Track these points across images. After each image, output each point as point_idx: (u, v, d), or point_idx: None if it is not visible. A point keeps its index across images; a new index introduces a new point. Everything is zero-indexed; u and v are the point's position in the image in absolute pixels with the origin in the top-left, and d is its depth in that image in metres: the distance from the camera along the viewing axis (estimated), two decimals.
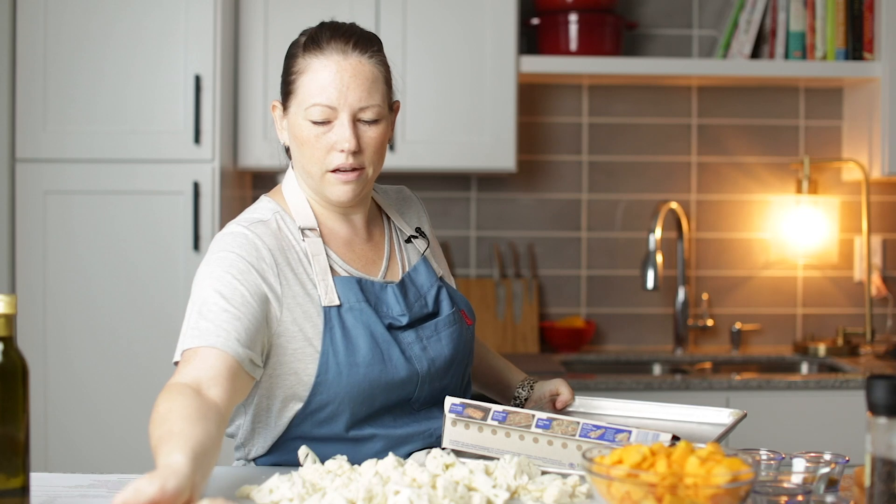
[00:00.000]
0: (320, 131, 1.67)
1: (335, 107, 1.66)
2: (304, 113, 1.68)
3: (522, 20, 3.34)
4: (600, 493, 1.31)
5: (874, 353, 3.34)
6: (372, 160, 1.70)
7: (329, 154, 1.68)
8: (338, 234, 1.76)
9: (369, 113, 1.68)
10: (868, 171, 3.35)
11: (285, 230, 1.71)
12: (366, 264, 1.77)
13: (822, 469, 1.47)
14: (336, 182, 1.69)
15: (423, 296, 1.78)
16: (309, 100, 1.67)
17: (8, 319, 1.35)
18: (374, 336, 1.68)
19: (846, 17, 3.30)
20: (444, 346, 1.76)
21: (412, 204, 1.93)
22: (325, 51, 1.68)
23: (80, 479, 1.63)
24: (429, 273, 1.82)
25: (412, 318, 1.74)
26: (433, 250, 1.89)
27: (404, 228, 1.86)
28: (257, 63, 3.09)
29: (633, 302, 3.49)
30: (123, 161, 2.91)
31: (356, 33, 1.73)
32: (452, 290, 1.85)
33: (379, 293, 1.73)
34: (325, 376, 1.65)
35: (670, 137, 3.51)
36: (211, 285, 1.62)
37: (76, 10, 2.90)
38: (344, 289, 1.69)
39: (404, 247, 1.84)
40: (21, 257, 2.90)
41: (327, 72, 1.67)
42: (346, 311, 1.68)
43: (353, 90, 1.66)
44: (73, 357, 2.89)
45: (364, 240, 1.80)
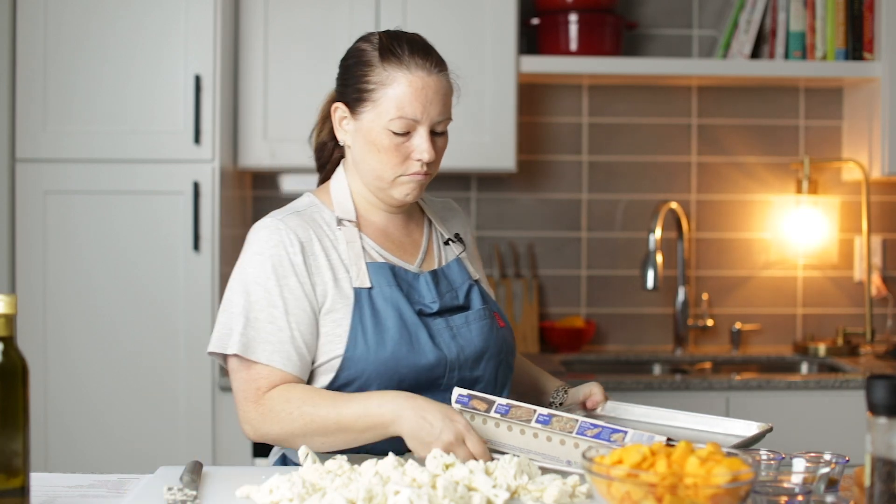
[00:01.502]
0: (399, 141, 1.77)
1: (418, 120, 1.76)
2: (386, 123, 1.76)
3: (522, 20, 3.34)
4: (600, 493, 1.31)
5: (874, 353, 3.34)
6: (437, 166, 1.84)
7: (405, 162, 1.78)
8: (376, 224, 1.86)
9: (442, 126, 1.80)
10: (868, 171, 3.35)
11: (320, 220, 1.81)
12: (402, 253, 1.86)
13: (822, 469, 1.47)
14: (407, 182, 1.80)
15: (454, 289, 1.86)
16: (393, 112, 1.75)
17: (8, 319, 1.35)
18: (402, 318, 1.76)
19: (846, 17, 3.30)
20: (474, 337, 1.82)
21: (457, 215, 2.03)
22: (410, 66, 1.77)
23: (80, 479, 1.63)
24: (462, 272, 1.89)
25: (442, 306, 1.81)
26: (472, 259, 1.97)
27: (443, 231, 1.94)
28: (257, 63, 3.09)
29: (633, 302, 3.49)
30: (123, 161, 2.91)
31: (433, 50, 1.82)
32: (486, 293, 1.91)
33: (412, 281, 1.81)
34: (353, 352, 1.73)
35: (670, 137, 3.51)
36: (256, 292, 1.74)
37: (76, 10, 2.90)
38: (376, 273, 1.78)
39: (442, 246, 1.92)
40: (21, 257, 2.90)
41: (413, 88, 1.76)
42: (376, 293, 1.76)
43: (434, 105, 1.77)
44: (73, 357, 2.89)
45: (402, 232, 1.89)
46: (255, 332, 1.72)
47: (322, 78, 3.10)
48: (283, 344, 1.72)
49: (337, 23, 3.10)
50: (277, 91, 3.10)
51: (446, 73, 1.81)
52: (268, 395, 1.71)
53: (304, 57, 3.10)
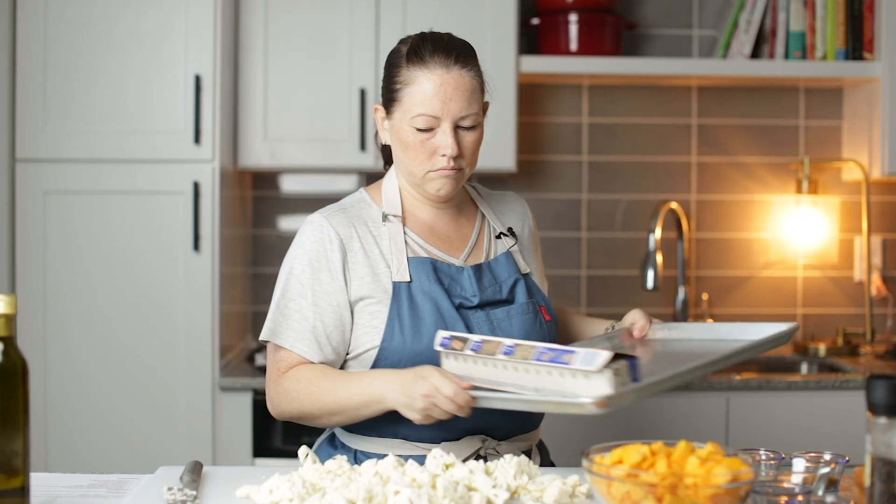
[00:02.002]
0: (424, 137, 1.81)
1: (438, 116, 1.80)
2: (410, 121, 1.81)
3: (522, 20, 3.34)
4: (600, 493, 1.31)
5: (874, 353, 3.34)
6: (469, 161, 1.85)
7: (432, 158, 1.82)
8: (423, 220, 1.90)
9: (468, 121, 1.83)
10: (868, 171, 3.35)
11: (366, 217, 1.87)
12: (447, 248, 1.89)
13: (822, 469, 1.47)
14: (437, 178, 1.83)
15: (499, 283, 1.88)
16: (414, 110, 1.80)
17: (8, 319, 1.35)
18: (440, 311, 1.80)
19: (846, 17, 3.30)
20: (514, 331, 1.84)
21: (514, 208, 2.05)
22: (429, 64, 1.81)
23: (80, 479, 1.63)
24: (510, 266, 1.91)
25: (483, 300, 1.84)
26: (527, 252, 1.98)
27: (496, 225, 1.97)
28: (257, 63, 3.09)
29: (633, 302, 3.49)
30: (123, 161, 2.91)
31: (456, 47, 1.84)
32: (535, 287, 1.93)
33: (454, 274, 1.85)
34: (390, 343, 1.78)
35: (670, 137, 3.51)
36: (292, 284, 1.83)
37: (76, 10, 2.90)
38: (417, 267, 1.83)
39: (493, 240, 1.94)
40: (21, 257, 2.90)
41: (431, 84, 1.80)
42: (415, 287, 1.81)
43: (454, 101, 1.80)
44: (73, 357, 2.89)
45: (450, 227, 1.92)
46: (283, 319, 1.82)
47: (322, 78, 3.10)
48: (306, 332, 1.80)
49: (337, 23, 3.10)
50: (277, 91, 3.10)
51: (470, 70, 1.83)
52: (284, 376, 1.80)
53: (304, 57, 3.10)
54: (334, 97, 3.10)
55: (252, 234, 3.42)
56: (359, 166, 3.12)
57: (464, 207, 1.97)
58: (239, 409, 2.88)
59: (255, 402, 2.87)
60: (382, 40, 3.08)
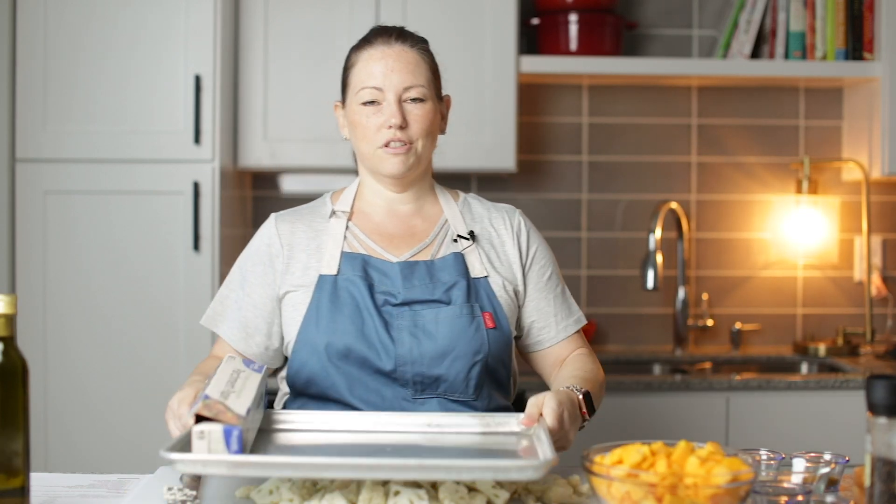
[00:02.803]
0: (370, 111, 1.84)
1: (381, 88, 1.84)
2: (356, 97, 1.86)
3: (522, 20, 3.34)
4: (600, 493, 1.31)
5: (874, 353, 3.34)
6: (420, 136, 1.85)
7: (379, 132, 1.84)
8: (373, 218, 1.92)
9: (413, 92, 1.85)
10: (868, 171, 3.35)
11: (315, 214, 1.93)
12: (389, 245, 1.89)
13: (822, 469, 1.47)
14: (387, 156, 1.85)
15: (435, 283, 1.84)
16: (359, 85, 1.86)
17: (8, 319, 1.35)
18: (359, 306, 1.80)
19: (846, 17, 3.30)
20: (441, 333, 1.80)
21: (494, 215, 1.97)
22: (373, 43, 1.88)
23: (80, 479, 1.63)
24: (456, 267, 1.86)
25: (410, 298, 1.81)
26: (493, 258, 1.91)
27: (456, 227, 1.93)
28: (257, 63, 3.09)
29: (633, 302, 3.49)
30: (123, 161, 2.91)
31: (399, 28, 1.91)
32: (488, 293, 1.87)
33: (387, 271, 1.84)
34: (305, 335, 1.81)
35: (670, 137, 3.51)
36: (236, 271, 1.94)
37: (76, 10, 2.90)
38: (347, 262, 1.84)
39: (449, 243, 1.91)
40: (21, 257, 2.90)
41: (373, 59, 1.85)
42: (341, 280, 1.83)
43: (396, 72, 1.84)
44: (73, 357, 2.89)
45: (400, 226, 1.92)
46: (222, 308, 1.92)
47: (322, 78, 3.10)
48: (237, 322, 1.88)
49: (337, 23, 3.10)
50: (277, 91, 3.10)
51: (414, 47, 1.88)
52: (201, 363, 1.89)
53: (304, 57, 3.10)
54: (334, 97, 3.09)
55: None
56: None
57: (425, 209, 1.95)
58: None
59: None
60: None
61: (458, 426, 1.66)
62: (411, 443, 1.60)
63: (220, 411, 1.40)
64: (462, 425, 1.67)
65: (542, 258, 1.98)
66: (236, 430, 1.37)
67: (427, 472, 1.32)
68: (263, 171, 3.25)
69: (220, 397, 1.44)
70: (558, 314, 1.96)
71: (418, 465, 1.32)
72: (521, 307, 1.94)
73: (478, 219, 1.97)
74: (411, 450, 1.55)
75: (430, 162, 1.96)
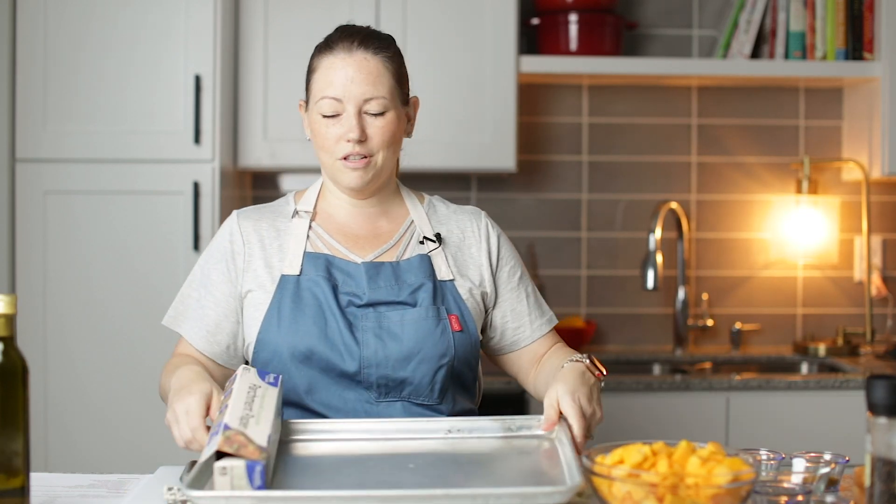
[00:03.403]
0: (330, 123, 1.79)
1: (341, 99, 1.78)
2: (317, 107, 1.80)
3: (522, 20, 3.34)
4: (601, 493, 1.31)
5: (874, 353, 3.34)
6: (380, 148, 1.80)
7: (338, 144, 1.79)
8: (336, 219, 1.88)
9: (374, 105, 1.79)
10: (868, 171, 3.35)
11: (278, 213, 1.89)
12: (354, 246, 1.85)
13: (822, 469, 1.47)
14: (345, 169, 1.81)
15: (400, 284, 1.81)
16: (318, 94, 1.80)
17: (8, 319, 1.35)
18: (321, 307, 1.77)
19: (846, 17, 3.30)
20: (406, 334, 1.77)
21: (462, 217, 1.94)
22: (334, 49, 1.81)
23: (80, 479, 1.63)
24: (422, 269, 1.84)
25: (374, 299, 1.78)
26: (460, 262, 1.89)
27: (422, 229, 1.90)
28: (257, 63, 3.09)
29: (633, 302, 3.49)
30: (123, 161, 2.91)
31: (362, 32, 1.85)
32: (454, 295, 1.85)
33: (351, 271, 1.81)
34: (266, 335, 1.78)
35: (670, 137, 3.51)
36: (197, 270, 1.89)
37: (76, 10, 2.90)
38: (310, 263, 1.81)
39: (415, 245, 1.88)
40: (21, 257, 2.90)
41: (333, 68, 1.79)
42: (303, 280, 1.79)
43: (356, 84, 1.78)
44: (73, 357, 2.89)
45: (364, 227, 1.88)
46: (184, 307, 1.88)
47: None
48: (198, 321, 1.85)
49: (337, 23, 3.07)
50: (277, 91, 3.10)
51: (377, 54, 1.81)
52: (169, 361, 1.85)
53: (305, 57, 3.09)
54: None
55: None
56: None
57: (391, 210, 1.92)
58: None
59: None
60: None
61: (479, 431, 1.65)
62: (432, 451, 1.58)
63: (242, 444, 1.38)
64: (483, 430, 1.65)
65: (510, 259, 1.95)
66: (259, 465, 1.35)
67: (454, 500, 1.30)
68: (263, 171, 3.25)
69: (239, 425, 1.41)
70: (532, 313, 1.94)
71: (445, 494, 1.30)
72: (492, 309, 1.92)
73: (443, 221, 1.93)
74: (435, 462, 1.52)
75: (395, 167, 1.93)
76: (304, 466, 1.53)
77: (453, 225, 1.93)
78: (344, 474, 1.47)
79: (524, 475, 1.49)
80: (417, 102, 1.91)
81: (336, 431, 1.65)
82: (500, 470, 1.51)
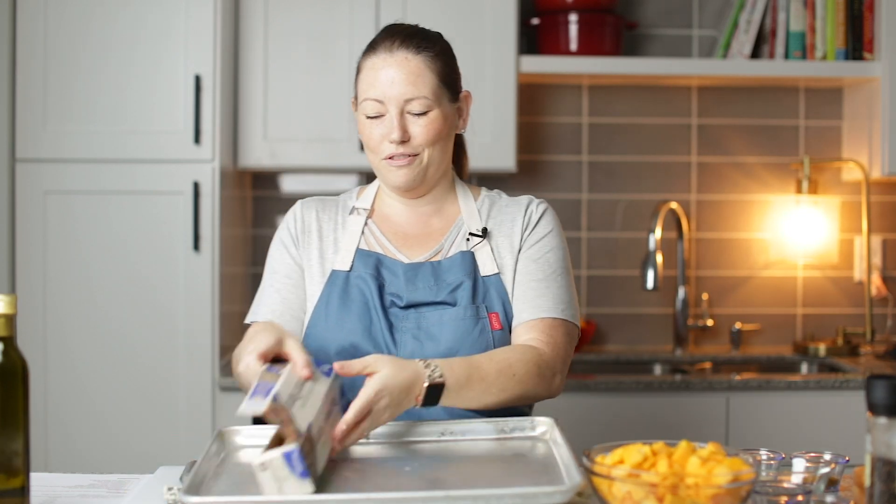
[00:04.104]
0: (374, 124, 1.80)
1: (382, 100, 1.79)
2: (361, 108, 1.82)
3: (522, 20, 3.34)
4: (601, 493, 1.31)
5: (874, 353, 3.34)
6: (425, 146, 1.80)
7: (382, 144, 1.80)
8: (391, 218, 1.90)
9: (415, 105, 1.79)
10: (868, 171, 3.35)
11: (340, 206, 1.91)
12: (405, 246, 1.86)
13: (822, 469, 1.47)
14: (391, 168, 1.82)
15: (439, 284, 1.80)
16: (362, 95, 1.82)
17: (8, 319, 1.35)
18: (367, 305, 1.79)
19: (846, 17, 3.30)
20: (445, 335, 1.76)
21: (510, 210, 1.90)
22: (377, 50, 1.82)
23: (80, 479, 1.63)
24: (464, 267, 1.82)
25: (412, 300, 1.79)
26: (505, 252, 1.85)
27: (470, 225, 1.88)
28: (257, 63, 3.09)
29: (633, 302, 3.49)
30: (123, 161, 2.91)
31: (405, 31, 1.85)
32: (498, 290, 1.82)
33: (396, 272, 1.82)
34: (314, 329, 1.79)
35: (670, 137, 3.51)
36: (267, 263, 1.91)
37: (76, 10, 2.90)
38: (361, 260, 1.83)
39: (461, 242, 1.87)
40: (21, 257, 2.90)
41: (375, 69, 1.80)
42: (353, 276, 1.81)
43: (397, 84, 1.78)
44: (73, 357, 2.89)
45: (417, 227, 1.89)
46: (259, 298, 1.88)
47: (322, 78, 3.10)
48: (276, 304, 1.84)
49: (337, 23, 3.10)
50: (277, 91, 3.10)
51: (419, 53, 1.80)
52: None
53: (304, 57, 3.10)
54: (334, 97, 3.10)
55: (252, 234, 3.42)
56: (358, 166, 3.12)
57: (444, 208, 1.91)
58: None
59: None
60: None
61: (472, 433, 1.64)
62: (427, 454, 1.57)
63: (285, 421, 1.37)
64: (476, 432, 1.64)
65: (544, 243, 1.86)
66: (294, 450, 1.34)
67: (456, 502, 1.30)
68: (263, 171, 3.25)
69: (287, 401, 1.39)
70: (528, 297, 1.82)
71: (445, 496, 1.30)
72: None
73: (495, 214, 1.90)
74: (431, 465, 1.52)
75: (448, 163, 1.90)
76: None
77: (505, 216, 1.90)
78: (342, 478, 1.47)
79: (522, 476, 1.49)
80: (469, 97, 1.90)
81: None
82: (497, 471, 1.51)
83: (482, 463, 1.54)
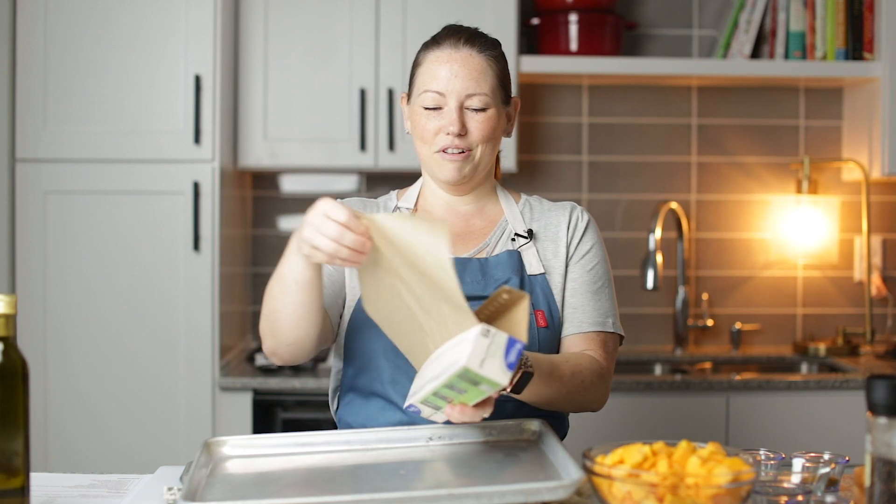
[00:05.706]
0: (431, 115, 1.82)
1: (444, 93, 1.80)
2: (419, 99, 1.83)
3: (522, 20, 3.34)
4: (601, 493, 1.31)
5: (874, 353, 3.34)
6: (479, 143, 1.82)
7: (437, 136, 1.82)
8: (433, 216, 1.91)
9: (476, 100, 1.81)
10: (868, 171, 3.35)
11: (381, 206, 1.93)
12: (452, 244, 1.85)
13: (822, 469, 1.47)
14: (443, 161, 1.83)
15: (487, 280, 1.82)
16: (422, 87, 1.83)
17: (8, 319, 1.35)
18: None
19: (846, 17, 3.30)
20: None
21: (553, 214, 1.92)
22: (441, 45, 1.85)
23: (80, 479, 1.63)
24: (511, 265, 1.84)
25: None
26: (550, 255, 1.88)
27: (515, 226, 1.90)
28: (257, 63, 3.09)
29: (633, 302, 3.49)
30: (123, 161, 2.91)
31: (469, 31, 1.88)
32: (544, 290, 1.85)
33: None
34: (359, 325, 1.80)
35: (670, 137, 3.51)
36: None
37: (76, 10, 2.90)
38: None
39: (506, 242, 1.89)
40: (21, 257, 2.90)
41: (438, 62, 1.82)
42: None
43: (460, 79, 1.80)
44: (73, 357, 2.89)
45: (461, 225, 1.90)
46: None
47: (322, 78, 3.10)
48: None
49: (337, 23, 3.10)
50: (277, 91, 3.10)
51: (482, 52, 1.83)
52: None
53: (304, 57, 3.10)
54: (334, 97, 3.10)
55: (252, 234, 3.42)
56: (359, 166, 3.12)
57: (486, 209, 1.93)
58: (239, 409, 2.88)
59: (255, 402, 2.87)
60: (382, 40, 3.09)
61: (459, 437, 1.63)
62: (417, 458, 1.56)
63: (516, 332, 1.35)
64: (464, 435, 1.63)
65: (593, 254, 1.91)
66: (520, 344, 1.31)
67: (458, 500, 1.29)
68: (263, 171, 3.25)
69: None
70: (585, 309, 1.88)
71: (449, 494, 1.30)
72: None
73: (537, 217, 1.93)
74: (424, 468, 1.51)
75: (494, 165, 1.94)
76: (296, 480, 1.49)
77: (548, 220, 1.92)
78: (338, 483, 1.46)
79: (520, 474, 1.48)
80: (518, 103, 1.93)
81: (315, 444, 1.61)
82: (493, 471, 1.50)
83: (476, 464, 1.53)
